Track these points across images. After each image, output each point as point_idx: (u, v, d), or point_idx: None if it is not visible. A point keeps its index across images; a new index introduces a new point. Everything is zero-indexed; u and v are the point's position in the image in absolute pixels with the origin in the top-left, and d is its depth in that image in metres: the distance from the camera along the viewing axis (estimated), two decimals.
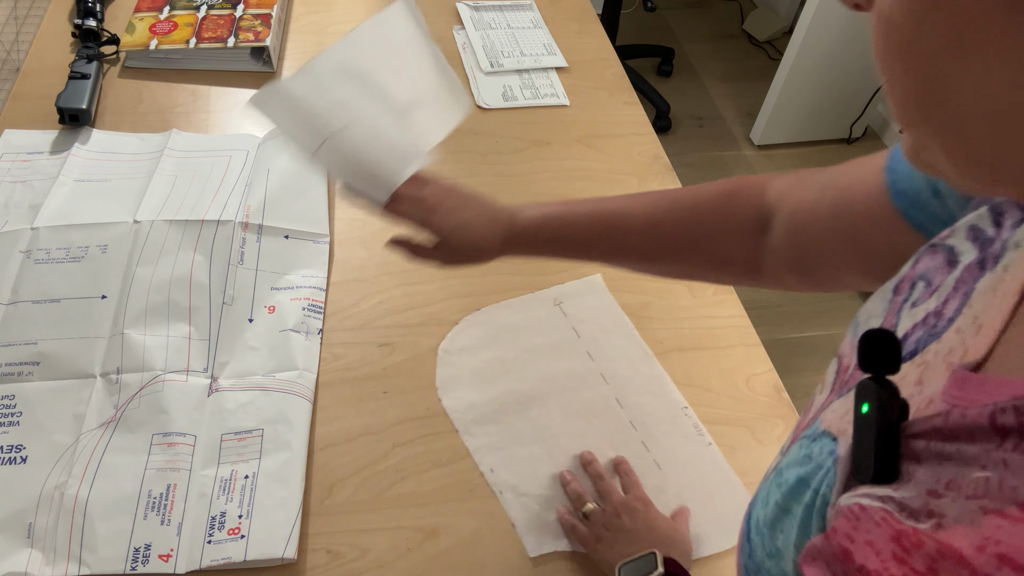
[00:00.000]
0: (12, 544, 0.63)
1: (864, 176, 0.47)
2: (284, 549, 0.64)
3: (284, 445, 0.71)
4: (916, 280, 0.38)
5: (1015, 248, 0.34)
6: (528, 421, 0.77)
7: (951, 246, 0.38)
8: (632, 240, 0.60)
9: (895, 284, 0.40)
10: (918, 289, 0.38)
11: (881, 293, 0.41)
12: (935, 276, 0.37)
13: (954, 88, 0.25)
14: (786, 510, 0.36)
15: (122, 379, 0.74)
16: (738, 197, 0.56)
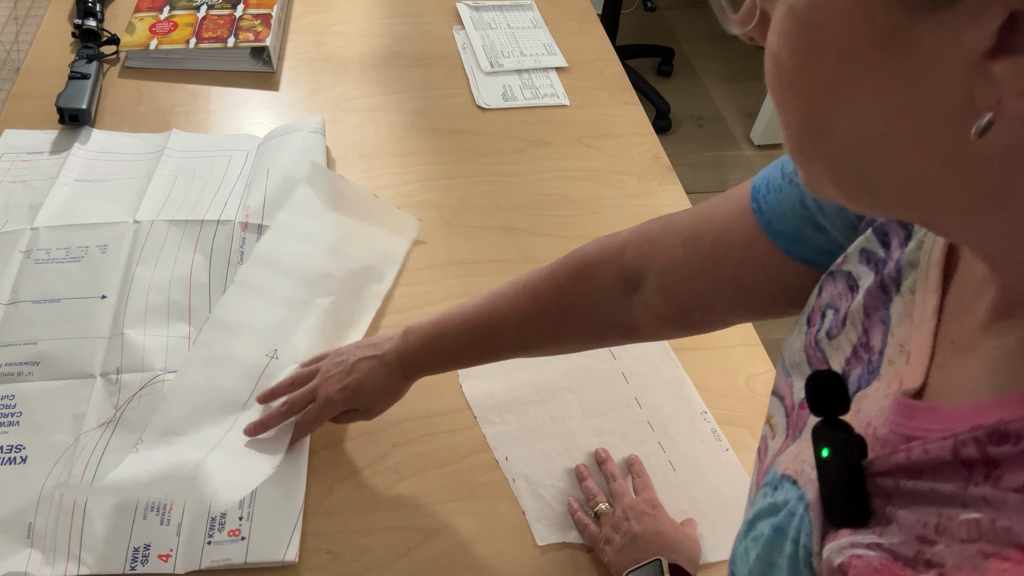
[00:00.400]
0: (12, 544, 0.63)
1: (733, 221, 0.48)
2: (285, 552, 0.64)
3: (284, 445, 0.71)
4: (824, 309, 0.40)
5: (910, 268, 0.35)
6: (546, 413, 0.78)
7: (848, 271, 0.39)
8: (511, 341, 0.63)
9: (807, 316, 0.41)
10: (828, 318, 0.39)
11: (796, 326, 0.42)
12: (840, 303, 0.38)
13: (838, 122, 0.27)
14: (770, 563, 0.36)
15: (122, 379, 0.74)
16: (595, 270, 0.57)
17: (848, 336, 0.37)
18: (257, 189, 0.91)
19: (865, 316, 0.37)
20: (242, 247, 0.86)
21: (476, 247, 0.93)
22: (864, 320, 0.37)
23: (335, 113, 1.08)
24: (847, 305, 0.38)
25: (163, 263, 0.83)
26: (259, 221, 0.88)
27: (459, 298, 0.86)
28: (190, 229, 0.87)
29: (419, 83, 1.15)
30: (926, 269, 0.34)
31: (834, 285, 0.40)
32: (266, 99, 1.10)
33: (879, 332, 0.35)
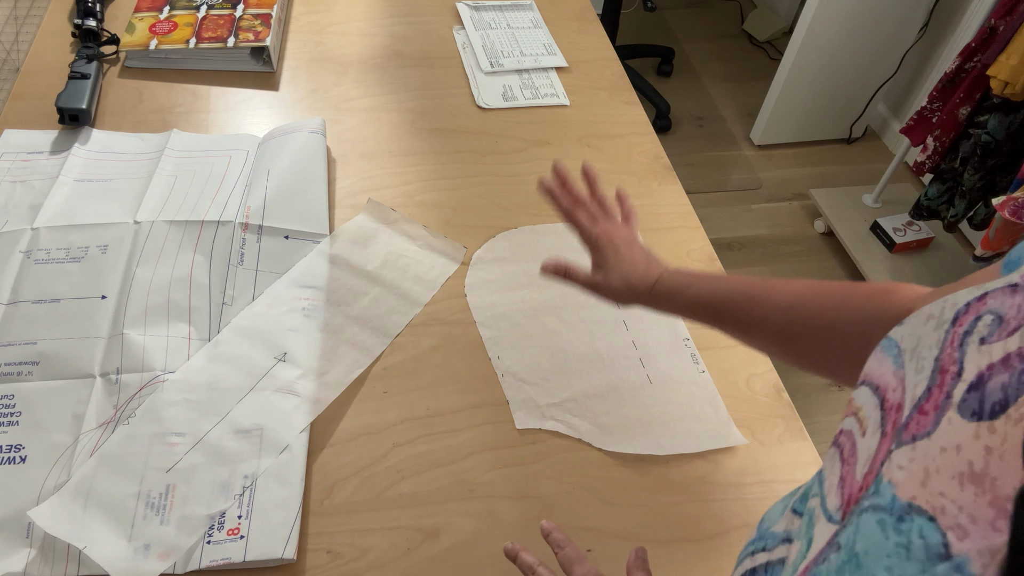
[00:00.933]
0: (11, 544, 0.63)
1: (989, 269, 0.42)
2: (284, 549, 0.64)
3: (283, 445, 0.71)
4: (983, 313, 0.33)
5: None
6: (540, 325, 0.85)
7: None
8: (773, 315, 0.58)
9: (954, 315, 0.35)
10: (984, 322, 0.33)
11: (928, 320, 0.36)
12: (1009, 313, 0.32)
13: None
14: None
15: (122, 379, 0.74)
16: (889, 296, 0.52)
17: (1006, 345, 0.31)
18: (257, 189, 0.91)
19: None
20: (242, 247, 0.86)
21: (476, 247, 0.93)
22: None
23: (335, 113, 1.08)
24: (1017, 319, 0.31)
25: (163, 263, 0.83)
26: (259, 222, 0.88)
27: (459, 298, 0.87)
28: (190, 229, 0.87)
29: (419, 83, 1.15)
30: None
31: (1010, 296, 0.33)
32: (266, 99, 1.10)
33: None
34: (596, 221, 0.73)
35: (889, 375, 0.36)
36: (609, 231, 0.71)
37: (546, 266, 0.72)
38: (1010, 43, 1.56)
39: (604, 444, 0.75)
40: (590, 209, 0.74)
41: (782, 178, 2.42)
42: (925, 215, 1.94)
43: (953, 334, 0.33)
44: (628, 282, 0.67)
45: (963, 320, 0.34)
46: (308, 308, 0.82)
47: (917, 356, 0.34)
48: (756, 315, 0.59)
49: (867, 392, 0.37)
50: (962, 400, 0.30)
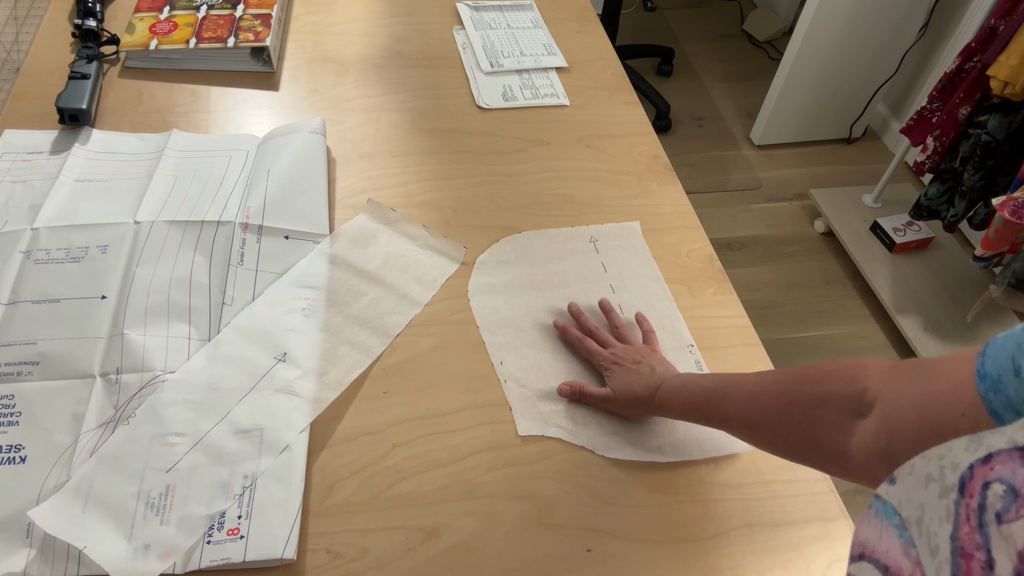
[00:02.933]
0: (11, 544, 0.63)
1: (957, 363, 0.42)
2: (283, 550, 0.64)
3: (283, 445, 0.71)
4: (991, 481, 0.31)
5: None
6: (542, 331, 0.85)
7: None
8: (740, 407, 0.63)
9: (958, 482, 0.32)
10: (996, 493, 0.30)
11: (927, 483, 0.33)
12: (1020, 483, 0.30)
13: None
14: None
15: (121, 379, 0.74)
16: (841, 375, 0.54)
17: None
18: (257, 190, 0.91)
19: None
20: (242, 248, 0.86)
21: (476, 247, 0.93)
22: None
23: (335, 113, 1.08)
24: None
25: (163, 264, 0.83)
26: (259, 222, 0.88)
27: (459, 298, 0.87)
28: (190, 230, 0.87)
29: (419, 83, 1.15)
30: None
31: (1021, 466, 0.31)
32: (266, 99, 1.10)
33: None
34: (608, 344, 0.81)
35: (898, 554, 0.33)
36: (617, 353, 0.79)
37: (562, 391, 0.79)
38: (1010, 43, 1.56)
39: (607, 451, 0.75)
40: (600, 336, 0.82)
41: (782, 178, 2.42)
42: (925, 215, 1.94)
43: (966, 508, 0.31)
44: (632, 392, 0.75)
45: (971, 489, 0.31)
46: (308, 308, 0.82)
47: (926, 532, 0.32)
48: (729, 409, 0.65)
49: (875, 574, 0.34)
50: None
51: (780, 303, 2.06)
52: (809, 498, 0.74)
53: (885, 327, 2.01)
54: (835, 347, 1.96)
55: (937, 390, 0.43)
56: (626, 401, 0.75)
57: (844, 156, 2.51)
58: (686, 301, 0.90)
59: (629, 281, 0.91)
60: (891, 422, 0.47)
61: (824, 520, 0.73)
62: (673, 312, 0.88)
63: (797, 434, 0.57)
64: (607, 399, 0.77)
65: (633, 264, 0.93)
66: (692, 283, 0.92)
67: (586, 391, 0.78)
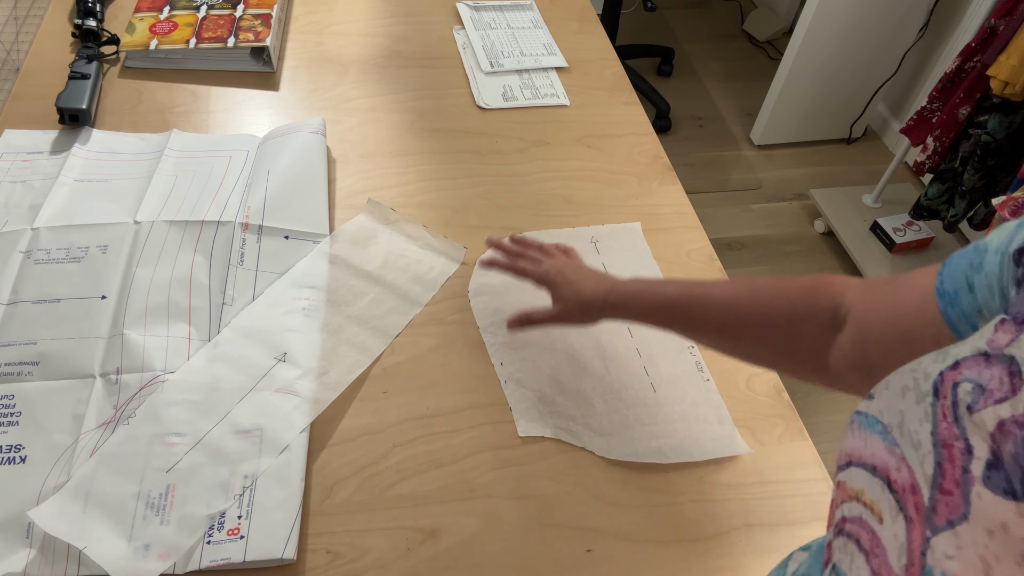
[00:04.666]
0: (11, 544, 0.63)
1: (921, 279, 0.45)
2: (283, 550, 0.64)
3: (283, 445, 0.71)
4: (960, 382, 0.33)
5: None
6: (543, 332, 0.84)
7: (1010, 356, 0.32)
8: (712, 315, 0.63)
9: (932, 387, 0.34)
10: (965, 390, 0.33)
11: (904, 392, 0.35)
12: (990, 383, 0.32)
13: None
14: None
15: (122, 379, 0.74)
16: (818, 291, 0.56)
17: (998, 412, 0.31)
18: (257, 190, 0.91)
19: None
20: (242, 247, 0.86)
21: (476, 247, 0.93)
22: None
23: (335, 113, 1.08)
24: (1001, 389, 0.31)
25: (163, 264, 0.83)
26: (259, 222, 0.88)
27: (459, 298, 0.87)
28: (190, 230, 0.87)
29: (419, 83, 1.15)
30: None
31: (985, 367, 0.33)
32: (266, 99, 1.10)
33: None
34: (539, 262, 0.80)
35: (884, 453, 0.35)
36: (555, 264, 0.78)
37: (510, 323, 0.79)
38: (1010, 43, 1.56)
39: (607, 452, 0.75)
40: (529, 255, 0.81)
41: (782, 178, 2.42)
42: (925, 215, 1.94)
43: (941, 407, 0.33)
44: (582, 299, 0.73)
45: (944, 391, 0.33)
46: (308, 308, 0.82)
47: (907, 431, 0.34)
48: (698, 315, 0.64)
49: (863, 474, 0.36)
50: (986, 478, 0.29)
51: None
52: (809, 498, 0.74)
53: None
54: None
55: (904, 303, 0.45)
56: (575, 309, 0.74)
57: (844, 156, 2.51)
58: None
59: None
60: (865, 335, 0.50)
61: (824, 520, 0.73)
62: None
63: (775, 343, 0.59)
64: (555, 314, 0.76)
65: (634, 264, 0.93)
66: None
67: (532, 315, 0.77)
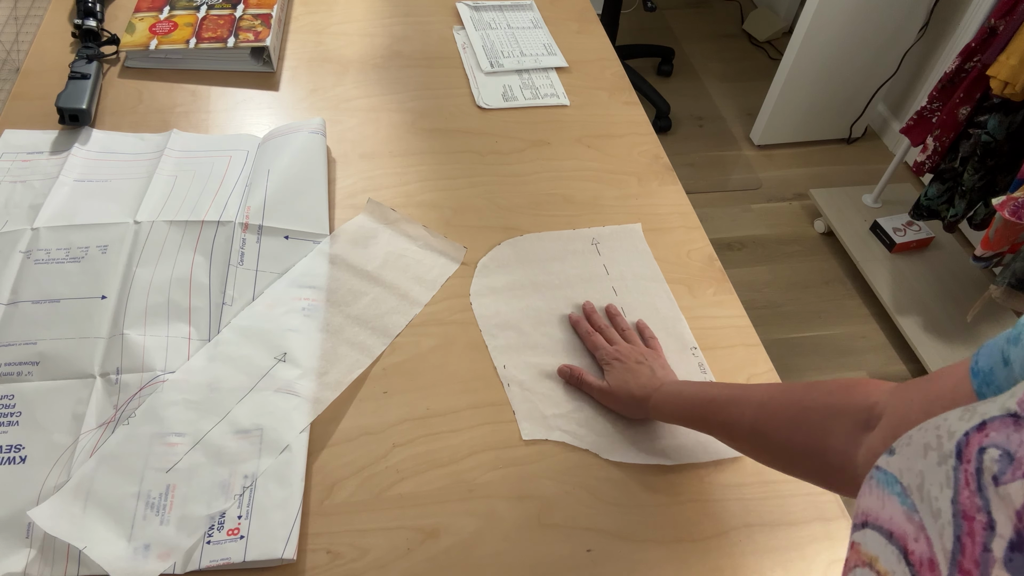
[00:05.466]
0: (10, 544, 0.63)
1: (957, 367, 0.43)
2: (283, 550, 0.64)
3: (283, 445, 0.71)
4: (987, 447, 0.32)
5: None
6: (544, 335, 0.85)
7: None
8: (748, 412, 0.63)
9: (955, 448, 0.33)
10: (991, 457, 0.31)
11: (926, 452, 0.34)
12: (1019, 451, 0.31)
13: None
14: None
15: (121, 379, 0.74)
16: (853, 390, 0.55)
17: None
18: (257, 190, 0.91)
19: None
20: (242, 248, 0.86)
21: (476, 247, 0.93)
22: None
23: (335, 113, 1.08)
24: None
25: (163, 264, 0.83)
26: (259, 222, 0.88)
27: (459, 298, 0.87)
28: (190, 230, 0.87)
29: (419, 83, 1.15)
30: None
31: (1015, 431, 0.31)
32: (266, 99, 1.10)
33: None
34: (613, 342, 0.82)
35: (901, 519, 0.34)
36: (621, 350, 0.80)
37: (561, 371, 0.81)
38: (1010, 43, 1.56)
39: (611, 455, 0.75)
40: (608, 333, 0.83)
41: (782, 178, 2.42)
42: (925, 215, 1.94)
43: (965, 472, 0.32)
44: (628, 390, 0.75)
45: (967, 455, 0.32)
46: (308, 308, 0.82)
47: (928, 497, 0.33)
48: (734, 413, 0.64)
49: (879, 540, 0.34)
50: (1007, 560, 0.29)
51: (780, 303, 2.06)
52: (809, 498, 0.74)
53: (885, 327, 2.01)
54: (835, 347, 1.96)
55: (940, 390, 0.44)
56: (621, 397, 0.76)
57: (844, 156, 2.51)
58: (686, 301, 0.90)
59: (631, 283, 0.91)
60: (898, 429, 0.47)
61: (824, 520, 0.73)
62: (676, 315, 0.88)
63: (805, 442, 0.57)
64: (602, 391, 0.77)
65: (635, 266, 0.93)
66: (692, 283, 0.92)
67: (584, 378, 0.79)
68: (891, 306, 1.97)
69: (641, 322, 0.86)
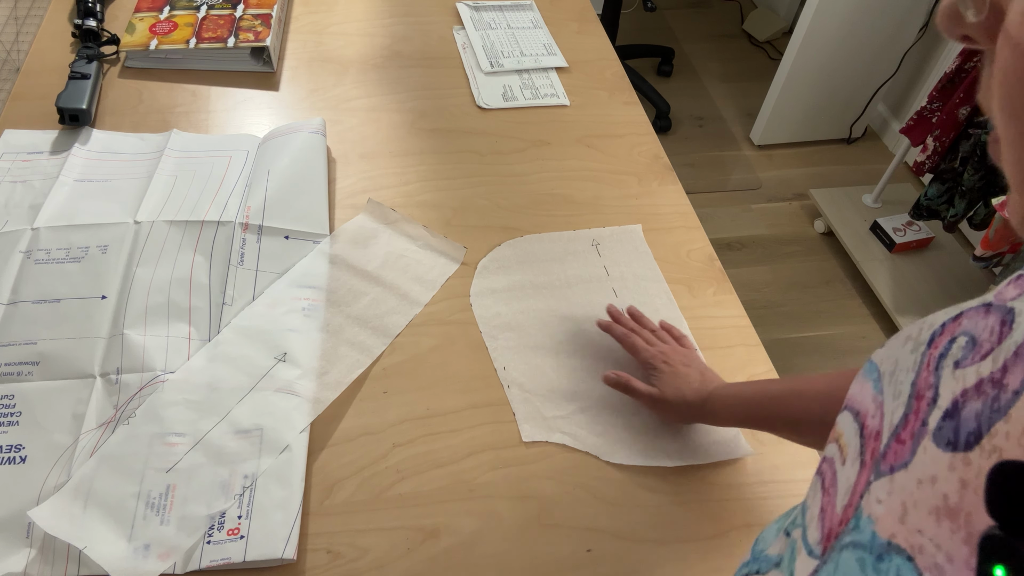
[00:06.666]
0: (11, 544, 0.63)
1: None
2: (283, 549, 0.64)
3: (283, 445, 0.71)
4: (958, 335, 0.33)
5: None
6: (545, 335, 0.84)
7: (1010, 307, 0.32)
8: (813, 404, 0.61)
9: (930, 336, 0.34)
10: (959, 344, 0.32)
11: (906, 341, 0.35)
12: (982, 335, 0.32)
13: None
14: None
15: (122, 379, 0.74)
16: None
17: (979, 370, 0.30)
18: (258, 190, 0.91)
19: (1014, 356, 0.30)
20: (242, 248, 0.86)
21: (476, 247, 0.93)
22: (1010, 360, 0.30)
23: (335, 113, 1.08)
24: (990, 342, 0.31)
25: (163, 264, 0.83)
26: (259, 222, 0.88)
27: (459, 298, 0.87)
28: (190, 230, 0.87)
29: (419, 83, 1.15)
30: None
31: (984, 317, 0.32)
32: (266, 99, 1.10)
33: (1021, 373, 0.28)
34: (652, 343, 0.79)
35: (868, 400, 0.35)
36: (665, 351, 0.77)
37: (607, 378, 0.78)
38: None
39: (611, 457, 0.75)
40: (644, 334, 0.81)
41: (782, 178, 2.42)
42: (925, 215, 1.94)
43: (929, 356, 0.33)
44: (683, 396, 0.73)
45: (938, 342, 0.33)
46: (308, 308, 0.82)
47: (895, 380, 0.34)
48: (799, 407, 0.62)
49: (848, 418, 0.36)
50: (937, 428, 0.29)
51: (780, 303, 2.06)
52: None
53: (885, 327, 2.01)
54: (835, 347, 1.96)
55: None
56: (676, 404, 0.73)
57: (844, 156, 2.51)
58: (686, 301, 0.90)
59: (631, 284, 0.91)
60: None
61: None
62: (676, 316, 0.88)
63: None
64: (654, 398, 0.74)
65: (635, 267, 0.93)
66: (692, 283, 0.92)
67: (632, 385, 0.76)
68: (891, 306, 1.97)
69: (665, 322, 0.84)
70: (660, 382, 0.75)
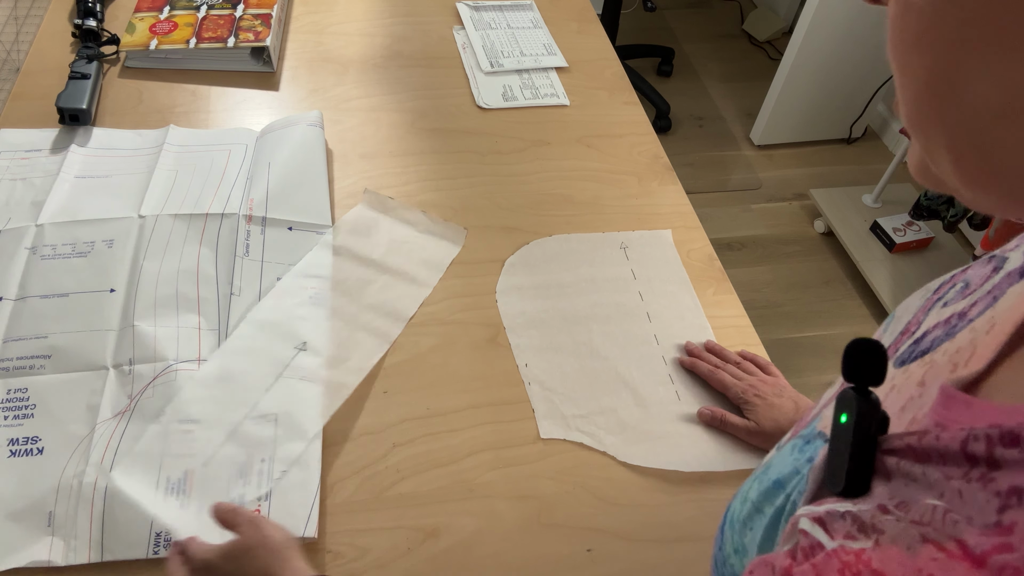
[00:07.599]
0: (33, 533, 0.64)
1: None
2: (304, 528, 0.65)
3: (299, 430, 0.71)
4: (957, 283, 0.36)
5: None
6: (569, 336, 0.84)
7: (1005, 256, 0.35)
8: None
9: (939, 283, 0.38)
10: (955, 290, 0.36)
11: (924, 290, 0.39)
12: (975, 280, 0.35)
13: (971, 83, 0.23)
14: (759, 509, 0.37)
15: (135, 370, 0.74)
16: None
17: (956, 307, 0.34)
18: (259, 182, 0.92)
19: (986, 294, 0.33)
20: (247, 239, 0.86)
21: (476, 247, 0.93)
22: (982, 297, 0.33)
23: (335, 113, 1.08)
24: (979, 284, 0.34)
25: (170, 256, 0.84)
26: (263, 214, 0.89)
27: (459, 298, 0.87)
28: (195, 223, 0.88)
29: (419, 83, 1.16)
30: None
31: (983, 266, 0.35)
32: (266, 99, 1.10)
33: (982, 305, 0.32)
34: (739, 377, 0.79)
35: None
36: (755, 385, 0.78)
37: (702, 414, 0.78)
38: None
39: (629, 458, 0.75)
40: (729, 369, 0.81)
41: (782, 178, 2.42)
42: (925, 215, 1.94)
43: (929, 301, 0.37)
44: (780, 427, 0.73)
45: (942, 289, 0.38)
46: (315, 296, 0.83)
47: (899, 322, 0.38)
48: None
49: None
50: (901, 352, 0.34)
51: (780, 303, 2.07)
52: None
53: None
54: (835, 347, 1.96)
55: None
56: (775, 435, 0.73)
57: (844, 156, 2.51)
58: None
59: (658, 288, 0.90)
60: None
61: None
62: (702, 323, 0.87)
63: None
64: (751, 431, 0.75)
65: (663, 272, 0.92)
66: (692, 283, 0.92)
67: (728, 419, 0.76)
68: (891, 306, 1.97)
69: (747, 352, 0.83)
70: (755, 415, 0.75)
